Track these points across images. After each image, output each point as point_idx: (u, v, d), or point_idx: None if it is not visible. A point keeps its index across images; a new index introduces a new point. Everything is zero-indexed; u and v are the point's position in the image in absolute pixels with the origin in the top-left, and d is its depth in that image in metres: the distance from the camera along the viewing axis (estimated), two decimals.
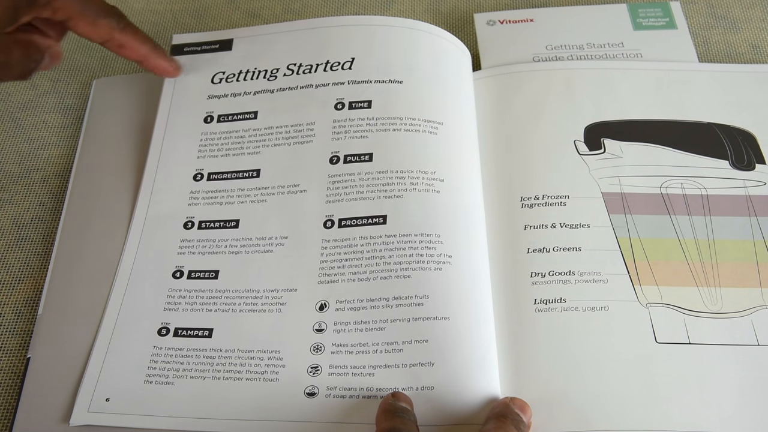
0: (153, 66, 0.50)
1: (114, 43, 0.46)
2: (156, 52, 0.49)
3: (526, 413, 0.38)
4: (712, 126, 0.50)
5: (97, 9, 0.44)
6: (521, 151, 0.49)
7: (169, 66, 0.51)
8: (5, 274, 0.48)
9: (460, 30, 0.59)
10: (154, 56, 0.49)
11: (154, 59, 0.49)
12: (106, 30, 0.45)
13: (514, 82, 0.52)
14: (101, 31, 0.45)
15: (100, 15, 0.44)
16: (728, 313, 0.42)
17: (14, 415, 0.41)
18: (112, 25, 0.45)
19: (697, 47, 0.56)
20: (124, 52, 0.47)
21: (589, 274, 0.43)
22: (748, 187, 0.47)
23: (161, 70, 0.50)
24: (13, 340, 0.45)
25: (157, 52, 0.49)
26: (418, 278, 0.42)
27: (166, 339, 0.43)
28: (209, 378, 0.41)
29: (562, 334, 0.41)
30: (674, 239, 0.45)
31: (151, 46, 0.49)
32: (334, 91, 0.50)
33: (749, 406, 0.39)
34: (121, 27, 0.46)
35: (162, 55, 0.50)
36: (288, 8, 0.62)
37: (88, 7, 0.43)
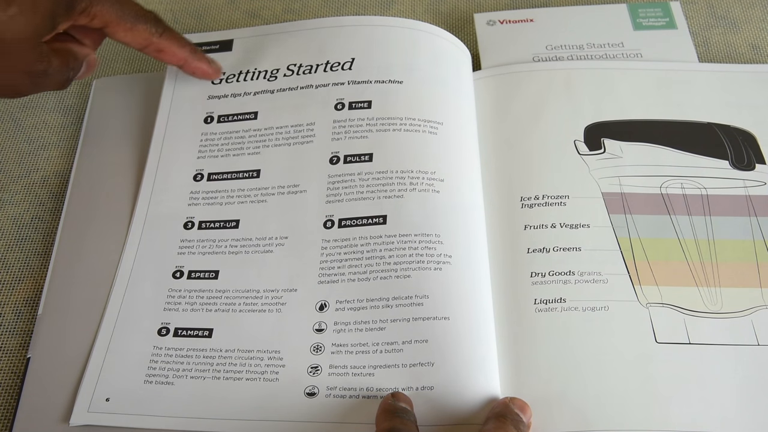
0: (193, 69, 0.49)
1: (153, 48, 0.45)
2: (195, 55, 0.48)
3: (525, 413, 0.38)
4: (712, 126, 0.50)
5: (135, 14, 0.43)
6: (521, 151, 0.49)
7: (210, 68, 0.49)
8: (5, 274, 0.48)
9: (460, 30, 0.59)
10: (194, 59, 0.48)
11: (194, 62, 0.48)
12: (145, 35, 0.44)
13: (514, 82, 0.52)
14: (139, 36, 0.44)
15: (138, 20, 0.43)
16: (728, 313, 0.42)
17: (14, 415, 0.41)
18: (151, 30, 0.44)
19: (697, 47, 0.56)
20: (163, 56, 0.46)
21: (589, 274, 0.43)
22: (748, 187, 0.47)
23: (201, 73, 0.49)
24: (13, 340, 0.45)
25: (197, 54, 0.48)
26: (418, 278, 0.42)
27: (166, 339, 0.43)
28: (209, 378, 0.41)
29: (562, 334, 0.41)
30: (674, 239, 0.45)
31: (191, 49, 0.48)
32: (334, 92, 0.50)
33: (749, 406, 0.39)
34: (160, 32, 0.45)
35: (202, 57, 0.49)
36: (288, 8, 0.62)
37: (125, 12, 0.43)
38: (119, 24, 0.42)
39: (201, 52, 0.49)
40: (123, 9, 0.42)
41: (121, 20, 0.42)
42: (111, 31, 0.43)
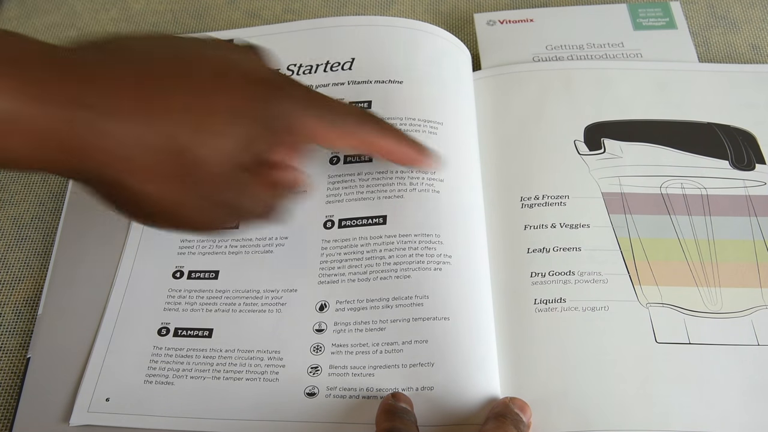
0: (399, 158, 0.43)
1: (365, 148, 0.41)
2: (405, 144, 0.42)
3: (525, 413, 0.38)
4: (712, 126, 0.50)
5: (344, 119, 0.38)
6: (521, 151, 0.49)
7: (419, 155, 0.43)
8: (5, 274, 0.48)
9: (460, 30, 0.59)
10: (405, 148, 0.42)
11: (405, 153, 0.42)
12: (358, 138, 0.39)
13: (514, 82, 0.52)
14: (352, 140, 0.39)
15: (347, 123, 0.38)
16: (728, 313, 0.42)
17: (14, 415, 0.41)
18: (364, 129, 0.39)
19: (697, 47, 0.56)
20: (376, 153, 0.42)
21: (589, 274, 0.43)
22: (748, 187, 0.47)
23: (409, 161, 0.43)
24: (13, 340, 0.45)
25: (406, 143, 0.42)
26: (417, 278, 0.42)
27: (166, 339, 0.43)
28: (209, 378, 0.41)
29: (562, 334, 0.41)
30: (674, 239, 0.45)
31: (397, 136, 0.42)
32: (334, 92, 0.50)
33: (749, 406, 0.39)
34: (371, 129, 0.40)
35: (411, 144, 0.42)
36: (288, 8, 0.62)
37: (333, 119, 0.37)
38: (329, 131, 0.37)
39: (409, 138, 0.43)
40: (332, 117, 0.37)
41: (332, 127, 0.37)
42: (321, 141, 0.38)
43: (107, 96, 0.30)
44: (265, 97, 0.34)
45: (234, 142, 0.32)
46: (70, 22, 0.62)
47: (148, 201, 0.31)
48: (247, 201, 0.35)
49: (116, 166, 0.30)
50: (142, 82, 0.31)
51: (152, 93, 0.31)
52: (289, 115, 0.35)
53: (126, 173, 0.30)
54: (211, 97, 0.32)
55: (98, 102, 0.29)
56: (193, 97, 0.32)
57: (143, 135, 0.30)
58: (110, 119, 0.29)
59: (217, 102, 0.32)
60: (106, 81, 0.30)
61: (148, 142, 0.30)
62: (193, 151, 0.31)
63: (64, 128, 0.29)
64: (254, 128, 0.33)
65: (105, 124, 0.29)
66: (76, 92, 0.29)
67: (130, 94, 0.30)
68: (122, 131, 0.30)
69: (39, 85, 0.28)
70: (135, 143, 0.30)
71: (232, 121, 0.32)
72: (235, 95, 0.33)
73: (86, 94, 0.29)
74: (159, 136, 0.30)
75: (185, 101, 0.31)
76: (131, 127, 0.30)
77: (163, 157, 0.31)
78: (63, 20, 0.62)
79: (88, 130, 0.29)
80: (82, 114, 0.29)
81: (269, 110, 0.34)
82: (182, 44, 0.35)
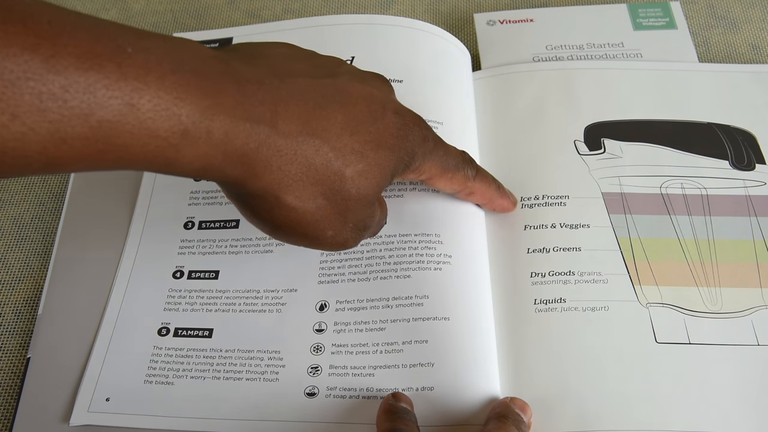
0: (495, 205, 0.45)
1: (466, 191, 0.43)
2: (499, 192, 0.45)
3: (526, 413, 0.38)
4: (712, 126, 0.50)
5: (456, 163, 0.40)
6: (521, 151, 0.49)
7: (510, 204, 0.46)
8: (5, 274, 0.48)
9: (460, 30, 0.59)
10: (498, 196, 0.45)
11: (498, 199, 0.45)
12: (462, 181, 0.41)
13: (514, 82, 0.52)
14: (457, 184, 0.41)
15: (458, 168, 0.41)
16: (728, 313, 0.42)
17: (14, 415, 0.41)
18: (468, 175, 0.41)
19: (697, 47, 0.56)
20: (472, 198, 0.44)
21: (589, 274, 0.43)
22: (748, 187, 0.47)
23: (502, 209, 0.46)
24: (13, 340, 0.45)
25: (500, 191, 0.45)
26: (417, 278, 0.42)
27: (166, 339, 0.43)
28: (209, 378, 0.41)
29: (562, 334, 0.41)
30: (674, 239, 0.45)
31: (496, 187, 0.44)
32: None
33: (749, 406, 0.39)
34: (474, 174, 0.42)
35: (504, 193, 0.45)
36: (288, 8, 0.62)
37: (449, 163, 0.40)
38: (443, 175, 0.40)
39: (503, 187, 0.45)
40: (448, 160, 0.40)
41: (445, 171, 0.40)
42: (433, 182, 0.41)
43: (280, 113, 0.30)
44: (405, 135, 0.35)
45: (383, 176, 0.34)
46: None
47: (296, 217, 0.32)
48: (374, 221, 0.37)
49: (278, 181, 0.31)
50: (308, 103, 0.32)
51: (318, 116, 0.32)
52: (423, 155, 0.37)
53: (284, 189, 0.31)
54: (366, 127, 0.33)
55: (272, 118, 0.30)
56: (351, 125, 0.33)
57: (308, 156, 0.31)
58: (281, 136, 0.30)
59: (372, 133, 0.33)
60: (278, 98, 0.31)
61: (312, 164, 0.31)
62: (348, 179, 0.33)
63: (238, 141, 0.29)
64: (397, 165, 0.35)
65: (277, 141, 0.30)
66: (252, 106, 0.29)
67: (300, 114, 0.31)
68: (290, 150, 0.31)
69: (219, 97, 0.28)
70: (299, 163, 0.31)
71: (384, 155, 0.34)
72: (386, 128, 0.34)
73: (262, 110, 0.30)
74: (322, 159, 0.32)
75: (345, 128, 0.32)
76: (298, 147, 0.31)
77: (321, 178, 0.32)
78: None
79: (261, 145, 0.30)
80: (257, 128, 0.29)
81: (409, 148, 0.36)
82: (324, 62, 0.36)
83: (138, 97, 0.26)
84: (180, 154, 0.28)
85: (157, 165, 0.28)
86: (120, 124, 0.26)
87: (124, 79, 0.26)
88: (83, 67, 0.25)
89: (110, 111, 0.25)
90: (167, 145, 0.27)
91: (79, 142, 0.25)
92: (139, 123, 0.26)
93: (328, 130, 0.32)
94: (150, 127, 0.26)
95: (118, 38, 0.26)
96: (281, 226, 0.33)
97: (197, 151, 0.28)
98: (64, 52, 0.24)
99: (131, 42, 0.26)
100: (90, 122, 0.25)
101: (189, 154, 0.28)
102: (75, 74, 0.25)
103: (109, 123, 0.26)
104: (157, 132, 0.27)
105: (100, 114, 0.25)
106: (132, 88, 0.26)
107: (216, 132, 0.28)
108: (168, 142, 0.27)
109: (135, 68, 0.26)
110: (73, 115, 0.25)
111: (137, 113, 0.26)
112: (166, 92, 0.27)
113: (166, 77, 0.27)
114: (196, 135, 0.28)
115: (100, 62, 0.25)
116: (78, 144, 0.25)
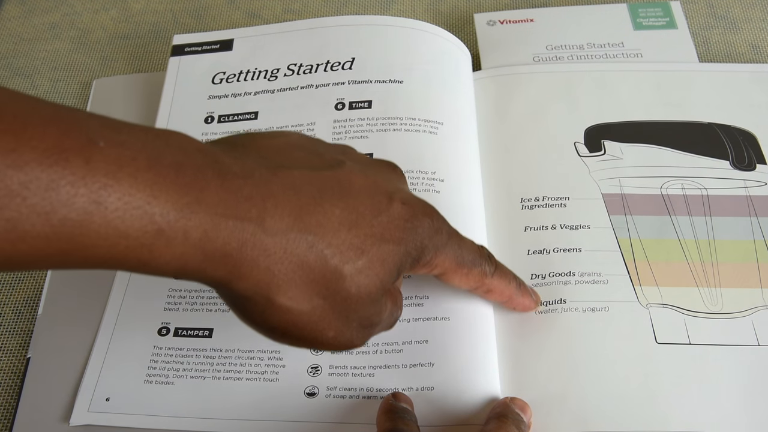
0: (515, 305, 0.42)
1: (483, 289, 0.40)
2: (520, 290, 0.42)
3: (526, 413, 0.38)
4: (713, 126, 0.50)
5: (473, 258, 0.38)
6: (521, 153, 0.49)
7: (532, 302, 0.43)
8: (5, 274, 0.48)
9: (460, 30, 0.59)
10: (519, 294, 0.42)
11: (518, 298, 0.42)
12: (479, 278, 0.39)
13: (515, 82, 0.52)
14: (474, 280, 0.39)
15: (475, 264, 0.38)
16: (729, 313, 0.42)
17: (14, 415, 0.41)
18: (485, 271, 0.39)
19: (697, 47, 0.56)
20: (490, 296, 0.41)
21: (589, 275, 0.43)
22: (749, 187, 0.47)
23: (523, 308, 0.43)
24: (13, 340, 0.45)
25: (521, 288, 0.42)
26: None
27: (166, 339, 0.43)
28: (209, 378, 0.41)
29: (563, 334, 0.41)
30: (675, 240, 0.45)
31: (516, 284, 0.42)
32: (334, 91, 0.50)
33: (749, 406, 0.39)
34: (492, 271, 0.39)
35: (526, 291, 0.42)
36: (288, 8, 0.62)
37: (464, 258, 0.37)
38: (457, 270, 0.37)
39: (524, 284, 0.42)
40: (464, 254, 0.37)
41: (460, 267, 0.37)
42: (446, 277, 0.38)
43: (268, 209, 0.29)
44: (414, 227, 0.33)
45: (387, 272, 0.32)
46: (70, 22, 0.62)
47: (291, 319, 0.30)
48: (383, 319, 0.35)
49: (267, 281, 0.29)
50: (301, 197, 0.30)
51: (312, 210, 0.30)
52: (434, 249, 0.35)
53: (275, 290, 0.29)
54: (367, 220, 0.31)
55: (259, 215, 0.28)
56: (350, 219, 0.31)
57: (300, 254, 0.29)
58: (269, 234, 0.28)
59: (374, 227, 0.31)
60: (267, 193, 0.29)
61: (304, 262, 0.29)
62: (347, 277, 0.30)
63: (218, 240, 0.27)
64: (405, 259, 0.33)
65: (263, 239, 0.28)
66: (236, 203, 0.28)
67: (291, 210, 0.29)
68: (279, 248, 0.29)
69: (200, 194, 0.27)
70: (290, 261, 0.29)
71: (387, 249, 0.32)
72: (391, 220, 0.32)
73: (248, 206, 0.28)
74: (316, 257, 0.29)
75: (343, 222, 0.30)
76: (288, 245, 0.29)
77: (317, 277, 0.30)
78: (63, 20, 0.62)
79: (245, 244, 0.28)
80: (241, 226, 0.28)
81: (417, 241, 0.33)
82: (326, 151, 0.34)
83: (106, 195, 0.24)
84: (154, 255, 0.26)
85: (129, 265, 0.26)
86: (85, 223, 0.24)
87: (92, 175, 0.24)
88: (47, 162, 0.23)
89: (74, 209, 0.24)
90: (139, 245, 0.25)
91: (40, 241, 0.24)
92: (106, 222, 0.24)
93: (323, 225, 0.30)
94: (119, 226, 0.25)
95: (92, 131, 0.25)
96: (276, 329, 0.31)
97: (173, 251, 0.26)
98: (27, 146, 0.23)
99: (106, 135, 0.25)
100: (51, 221, 0.24)
101: (164, 255, 0.26)
102: (37, 170, 0.23)
103: (73, 222, 0.24)
104: (127, 232, 0.25)
105: (63, 212, 0.24)
106: (100, 185, 0.24)
107: (193, 231, 0.26)
108: (140, 242, 0.25)
109: (105, 164, 0.24)
110: (33, 213, 0.23)
111: (104, 212, 0.24)
112: (139, 189, 0.25)
113: (139, 173, 0.25)
114: (172, 235, 0.26)
115: (67, 157, 0.24)
116: (38, 243, 0.24)
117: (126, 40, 0.61)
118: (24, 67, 0.59)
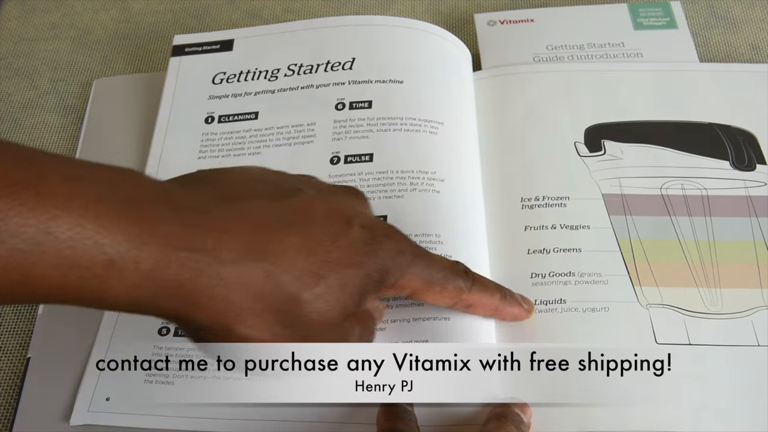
0: (504, 315, 0.42)
1: (462, 304, 0.39)
2: (506, 300, 0.41)
3: (526, 413, 0.38)
4: (713, 126, 0.50)
5: (444, 276, 0.37)
6: (521, 152, 0.49)
7: (522, 311, 0.42)
8: None
9: (460, 30, 0.59)
10: (505, 305, 0.41)
11: (505, 309, 0.41)
12: (455, 294, 0.38)
13: (515, 82, 0.52)
14: (449, 297, 0.38)
15: (447, 280, 0.37)
16: (728, 313, 0.42)
17: (14, 415, 0.41)
18: (460, 286, 0.38)
19: (698, 47, 0.56)
20: (472, 310, 0.40)
21: (589, 275, 0.43)
22: (749, 187, 0.47)
23: (512, 317, 0.42)
24: (13, 340, 0.45)
25: (508, 299, 0.41)
26: None
27: (167, 338, 0.43)
28: (209, 377, 0.41)
29: (563, 335, 0.41)
30: (675, 240, 0.45)
31: (501, 295, 0.41)
32: (334, 92, 0.50)
33: (749, 406, 0.39)
34: (469, 286, 0.39)
35: (513, 300, 0.41)
36: (288, 8, 0.62)
37: (432, 276, 0.37)
38: (429, 289, 0.37)
39: (511, 294, 0.42)
40: (432, 273, 0.37)
41: (430, 286, 0.37)
42: (419, 297, 0.38)
43: (223, 239, 0.29)
44: (374, 250, 0.33)
45: (348, 296, 0.32)
46: (70, 22, 0.62)
47: None
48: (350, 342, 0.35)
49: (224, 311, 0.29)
50: (257, 227, 0.30)
51: (268, 240, 0.30)
52: (398, 271, 0.35)
53: (233, 319, 0.29)
54: (325, 246, 0.31)
55: (214, 246, 0.28)
56: (307, 246, 0.31)
57: (257, 283, 0.29)
58: (223, 264, 0.29)
59: (332, 252, 0.31)
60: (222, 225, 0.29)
61: (261, 291, 0.30)
62: (306, 303, 0.31)
63: (170, 271, 0.27)
64: (366, 283, 0.33)
65: (218, 269, 0.28)
66: (190, 235, 0.28)
67: (246, 240, 0.29)
68: (236, 278, 0.29)
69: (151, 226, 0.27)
70: (247, 290, 0.29)
71: (347, 273, 0.32)
72: (349, 246, 0.32)
73: (203, 237, 0.28)
74: (273, 285, 0.30)
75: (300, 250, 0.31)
76: (245, 274, 0.29)
77: (275, 305, 0.30)
78: (63, 20, 0.62)
79: (200, 275, 0.28)
80: (194, 257, 0.28)
81: (380, 264, 0.33)
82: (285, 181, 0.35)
83: (56, 225, 0.25)
84: (107, 286, 0.26)
85: (84, 299, 0.27)
86: (35, 252, 0.24)
87: (42, 206, 0.24)
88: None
89: (23, 240, 0.24)
90: (91, 276, 0.26)
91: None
92: (57, 252, 0.25)
93: (280, 253, 0.30)
94: (69, 256, 0.25)
95: (46, 166, 0.25)
96: None
97: (126, 282, 0.27)
98: None
99: (61, 171, 0.25)
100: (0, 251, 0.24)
101: (117, 287, 0.27)
102: None
103: (22, 252, 0.24)
104: (78, 262, 0.25)
105: (12, 242, 0.24)
106: (49, 216, 0.24)
107: (144, 262, 0.27)
108: (92, 273, 0.26)
109: (55, 195, 0.25)
110: None
111: (55, 242, 0.25)
112: (90, 220, 0.25)
113: (90, 204, 0.25)
114: (123, 265, 0.26)
115: (18, 189, 0.24)
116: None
117: (126, 40, 0.61)
118: (24, 67, 0.59)
